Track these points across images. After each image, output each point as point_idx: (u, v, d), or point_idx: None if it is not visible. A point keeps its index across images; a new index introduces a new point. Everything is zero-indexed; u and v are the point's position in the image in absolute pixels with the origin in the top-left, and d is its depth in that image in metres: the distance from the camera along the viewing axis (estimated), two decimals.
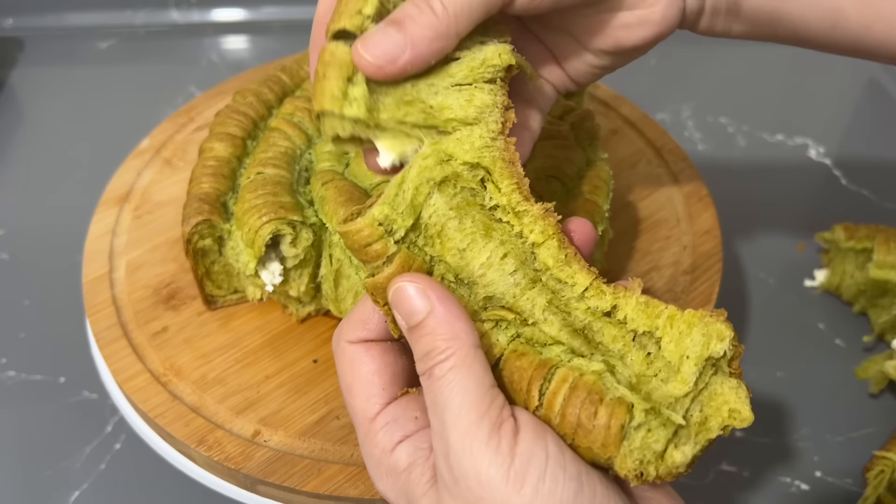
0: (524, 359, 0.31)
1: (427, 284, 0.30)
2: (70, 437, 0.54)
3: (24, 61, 0.86)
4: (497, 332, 0.31)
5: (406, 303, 0.30)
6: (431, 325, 0.29)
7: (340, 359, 0.34)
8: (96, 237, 0.56)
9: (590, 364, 0.30)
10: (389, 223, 0.31)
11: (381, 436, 0.32)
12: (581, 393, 0.29)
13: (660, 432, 0.29)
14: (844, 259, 0.61)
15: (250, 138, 0.54)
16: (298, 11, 0.91)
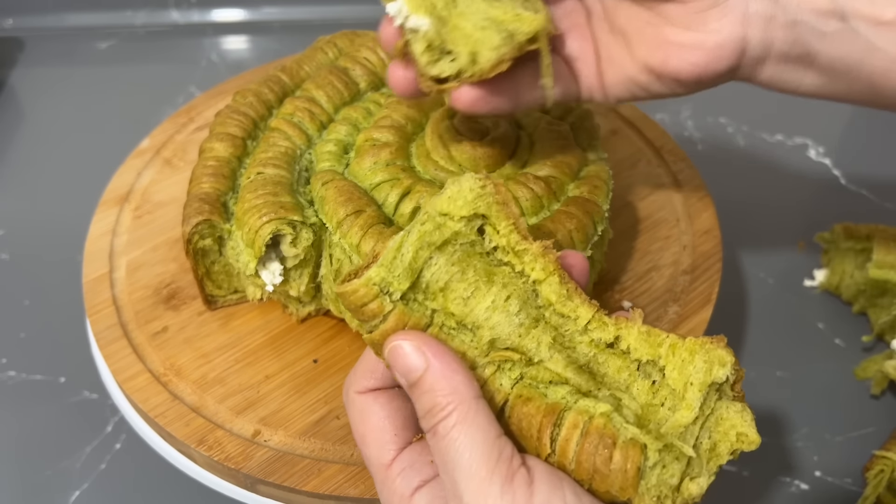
0: (531, 404, 0.31)
1: (422, 341, 0.30)
2: (70, 437, 0.54)
3: (24, 61, 0.86)
4: (500, 377, 0.32)
5: (402, 361, 0.30)
6: (430, 381, 0.29)
7: (351, 410, 0.34)
8: (96, 237, 0.56)
9: (597, 405, 0.31)
10: (386, 285, 0.31)
11: (399, 482, 0.32)
12: (594, 438, 0.30)
13: (674, 467, 0.29)
14: (844, 259, 0.61)
15: (250, 138, 0.54)
16: (298, 11, 0.91)
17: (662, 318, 0.52)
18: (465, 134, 0.48)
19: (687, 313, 0.52)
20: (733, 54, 0.37)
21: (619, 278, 0.54)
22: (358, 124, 0.53)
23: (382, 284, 0.31)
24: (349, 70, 0.57)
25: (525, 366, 0.32)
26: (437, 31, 0.38)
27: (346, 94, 0.55)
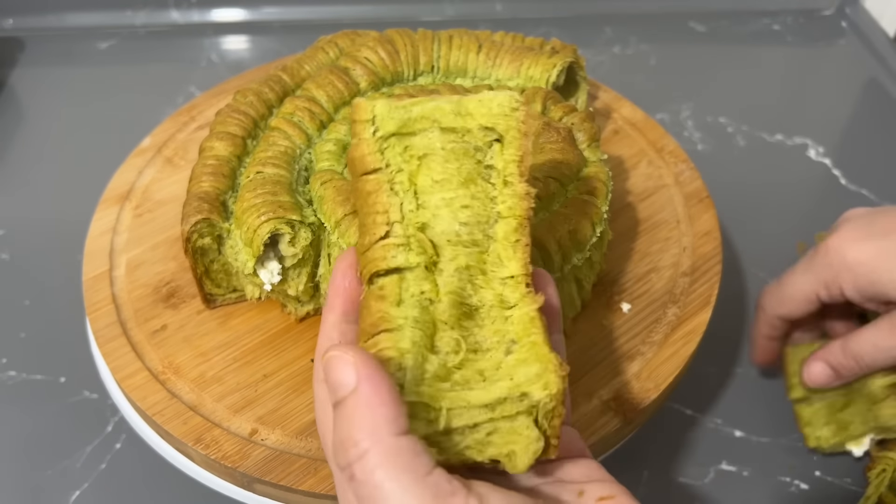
0: (382, 303, 0.31)
1: (361, 360, 0.27)
2: (70, 437, 0.54)
3: (24, 61, 0.86)
4: (396, 252, 0.32)
5: (334, 373, 0.28)
6: (351, 405, 0.27)
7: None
8: (97, 235, 0.56)
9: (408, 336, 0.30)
10: (380, 119, 0.33)
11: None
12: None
13: (420, 425, 0.29)
14: None
15: (250, 137, 0.54)
16: (298, 11, 0.91)
17: (661, 319, 0.52)
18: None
19: (686, 315, 0.52)
20: None
21: (618, 280, 0.54)
22: None
23: (378, 117, 0.33)
24: (350, 70, 0.57)
25: (426, 262, 0.32)
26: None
27: (347, 93, 0.55)
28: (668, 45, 0.90)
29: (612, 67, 0.86)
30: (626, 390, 0.48)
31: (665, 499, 0.52)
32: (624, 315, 0.52)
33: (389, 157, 0.33)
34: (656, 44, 0.90)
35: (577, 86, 0.60)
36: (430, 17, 0.91)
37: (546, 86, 0.56)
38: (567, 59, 0.57)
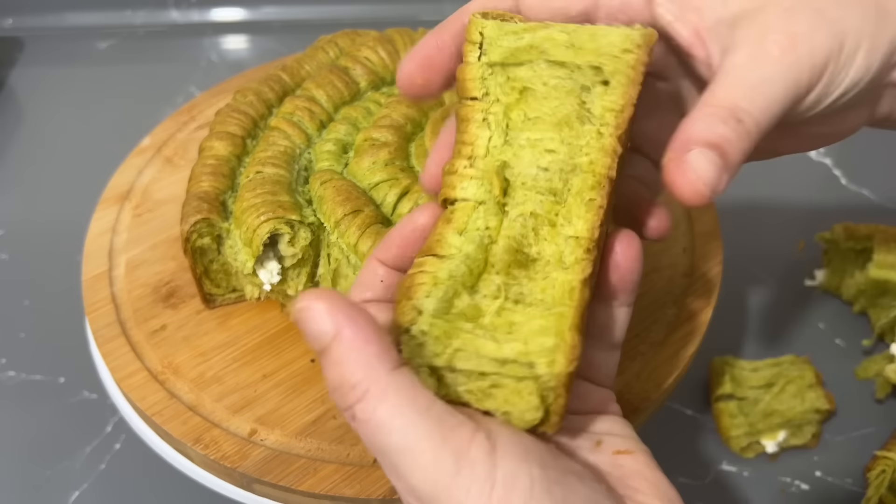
0: (448, 226, 0.31)
1: (335, 304, 0.26)
2: (70, 437, 0.54)
3: (24, 61, 0.86)
4: (469, 185, 0.31)
5: (310, 324, 0.26)
6: (338, 351, 0.26)
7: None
8: (96, 235, 0.56)
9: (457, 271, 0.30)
10: (488, 41, 0.31)
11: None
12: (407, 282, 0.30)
13: (423, 353, 0.28)
14: (844, 259, 0.61)
15: (250, 137, 0.54)
16: (298, 11, 0.91)
17: (661, 319, 0.52)
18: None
19: (686, 315, 0.52)
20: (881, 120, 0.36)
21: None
22: (357, 124, 0.53)
23: (487, 40, 0.31)
24: (350, 69, 0.57)
25: (495, 199, 0.30)
26: None
27: (347, 93, 0.55)
28: None
29: None
30: (626, 390, 0.48)
31: None
32: None
33: (490, 85, 0.32)
34: None
35: None
36: (430, 17, 0.90)
37: None
38: None
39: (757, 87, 0.30)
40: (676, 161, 0.30)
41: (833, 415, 0.55)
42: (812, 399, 0.53)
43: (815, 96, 0.32)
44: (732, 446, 0.54)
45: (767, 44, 0.31)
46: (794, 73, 0.31)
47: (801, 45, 0.31)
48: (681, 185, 0.29)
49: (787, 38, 0.31)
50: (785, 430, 0.53)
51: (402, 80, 0.35)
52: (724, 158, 0.30)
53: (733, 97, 0.30)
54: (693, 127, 0.30)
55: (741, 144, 0.30)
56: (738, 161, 0.30)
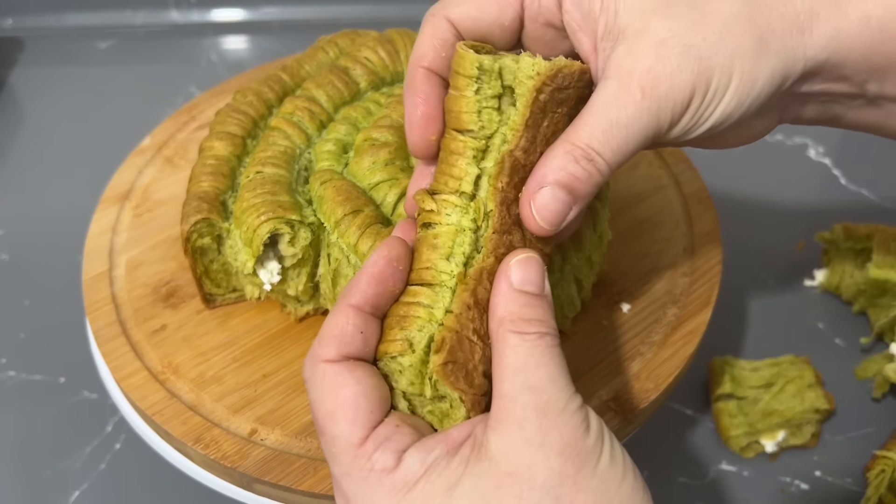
0: (433, 252, 0.33)
1: (543, 266, 0.33)
2: (70, 437, 0.54)
3: (24, 61, 0.86)
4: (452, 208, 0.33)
5: (534, 272, 0.32)
6: (546, 303, 0.32)
7: (319, 383, 0.31)
8: (97, 235, 0.56)
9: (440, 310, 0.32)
10: (488, 76, 0.33)
11: (378, 456, 0.30)
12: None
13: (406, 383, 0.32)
14: (844, 259, 0.61)
15: (250, 137, 0.54)
16: (298, 11, 0.91)
17: (661, 319, 0.52)
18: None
19: (686, 315, 0.52)
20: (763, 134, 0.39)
21: (618, 280, 0.54)
22: (357, 124, 0.53)
23: (487, 74, 0.33)
24: (350, 69, 0.57)
25: (475, 227, 0.33)
26: None
27: (347, 93, 0.55)
28: None
29: None
30: (626, 390, 0.48)
31: (665, 499, 0.52)
32: (624, 315, 0.52)
33: (486, 119, 0.33)
34: None
35: None
36: None
37: None
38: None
39: (612, 130, 0.32)
40: (527, 198, 0.33)
41: (832, 414, 0.56)
42: (811, 399, 0.53)
43: (680, 129, 0.34)
44: (732, 446, 0.54)
45: (632, 83, 0.32)
46: (653, 115, 0.33)
47: (661, 87, 0.32)
48: (529, 222, 0.33)
49: (651, 79, 0.32)
50: (784, 430, 0.53)
51: (419, 146, 0.37)
52: (572, 195, 0.33)
53: (588, 137, 0.33)
54: (548, 165, 0.33)
55: (591, 181, 0.33)
56: (588, 194, 0.34)
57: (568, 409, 0.30)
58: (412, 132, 0.36)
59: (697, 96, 0.33)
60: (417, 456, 0.30)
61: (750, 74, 0.33)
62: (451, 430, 0.31)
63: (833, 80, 0.35)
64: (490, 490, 0.29)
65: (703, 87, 0.33)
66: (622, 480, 0.30)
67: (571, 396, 0.30)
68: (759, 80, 0.33)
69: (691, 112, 0.33)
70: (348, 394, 0.31)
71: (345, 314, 0.32)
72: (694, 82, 0.33)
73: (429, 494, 0.29)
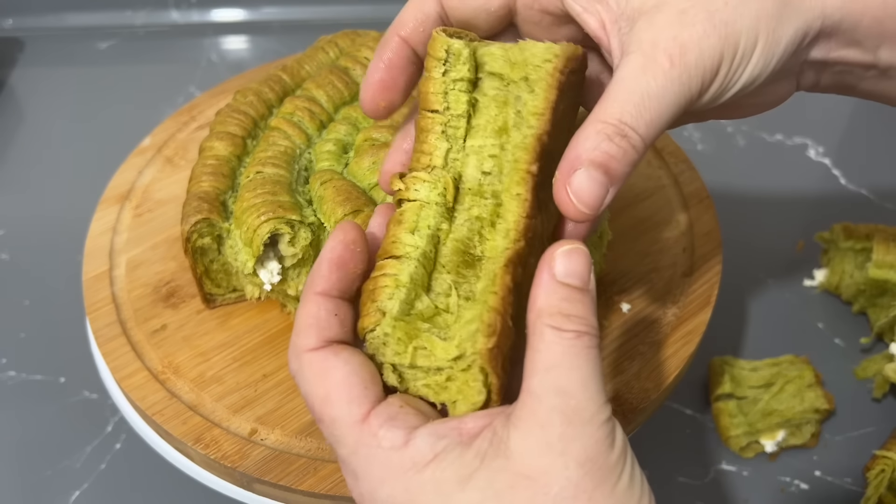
0: (399, 227, 0.32)
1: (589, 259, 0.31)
2: (70, 437, 0.54)
3: (24, 61, 0.86)
4: (422, 187, 0.33)
5: (579, 264, 0.30)
6: (589, 299, 0.30)
7: (306, 372, 0.31)
8: (97, 235, 0.56)
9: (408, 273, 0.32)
10: (455, 59, 0.33)
11: (384, 433, 0.29)
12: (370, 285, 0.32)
13: (387, 352, 0.31)
14: (844, 259, 0.61)
15: (250, 137, 0.54)
16: (298, 11, 0.91)
17: (661, 319, 0.52)
18: None
19: (686, 315, 0.52)
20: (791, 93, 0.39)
21: (618, 280, 0.54)
22: (358, 124, 0.53)
23: (454, 57, 0.33)
24: (350, 70, 0.57)
25: (445, 203, 0.33)
26: None
27: (347, 93, 0.55)
28: None
29: None
30: (626, 390, 0.48)
31: (665, 499, 0.52)
32: (624, 315, 0.52)
33: (452, 100, 0.33)
34: None
35: None
36: None
37: None
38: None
39: (644, 103, 0.31)
40: (563, 182, 0.32)
41: (832, 414, 0.56)
42: (811, 399, 0.53)
43: (710, 96, 0.33)
44: (732, 446, 0.54)
45: (658, 54, 0.32)
46: (684, 83, 0.32)
47: (690, 54, 0.32)
48: (566, 206, 0.32)
49: (677, 47, 0.32)
50: (784, 430, 0.53)
51: (368, 108, 0.37)
52: (609, 175, 0.31)
53: (620, 112, 0.31)
54: (581, 146, 0.31)
55: (627, 159, 0.32)
56: (625, 174, 0.32)
57: (595, 420, 0.29)
58: (365, 92, 0.37)
59: (726, 60, 0.32)
60: (427, 439, 0.29)
61: (774, 34, 0.33)
62: (465, 419, 0.30)
63: (847, 46, 0.35)
64: (504, 489, 0.28)
65: (731, 50, 0.32)
66: (640, 500, 0.29)
67: (601, 406, 0.29)
68: (783, 39, 0.33)
69: (721, 77, 0.33)
70: (338, 375, 0.30)
71: (314, 302, 0.32)
72: (722, 47, 0.32)
73: (440, 482, 0.29)
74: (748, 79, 0.33)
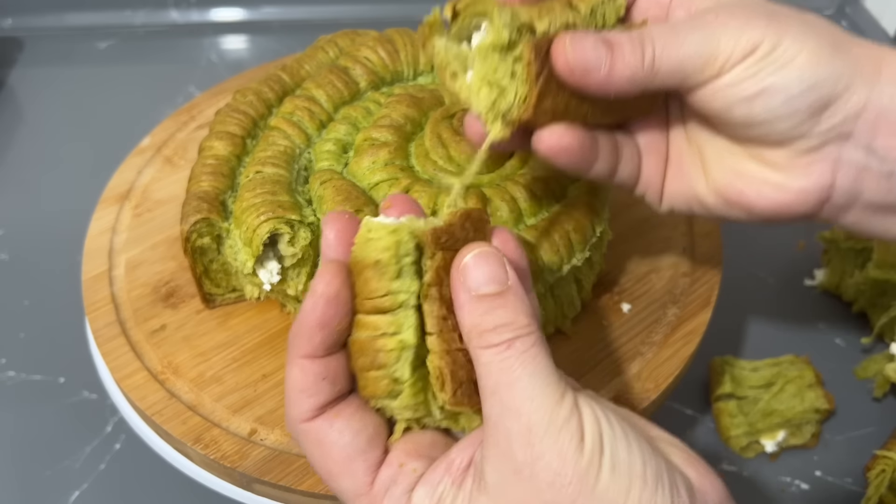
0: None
1: (504, 257, 0.30)
2: (70, 437, 0.54)
3: (23, 61, 0.86)
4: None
5: (489, 268, 0.29)
6: (511, 298, 0.29)
7: (304, 443, 0.31)
8: (96, 235, 0.56)
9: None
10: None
11: (388, 501, 0.30)
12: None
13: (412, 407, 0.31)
14: (844, 258, 0.61)
15: (250, 137, 0.54)
16: (298, 11, 0.91)
17: (661, 319, 0.52)
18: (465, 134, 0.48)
19: (686, 315, 0.52)
20: (817, 200, 0.35)
21: (618, 280, 0.54)
22: (357, 123, 0.53)
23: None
24: (349, 69, 0.57)
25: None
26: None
27: (346, 93, 0.55)
28: None
29: None
30: (626, 390, 0.48)
31: None
32: (624, 315, 0.52)
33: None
34: None
35: None
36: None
37: None
38: None
39: (669, 33, 0.33)
40: (566, 36, 0.33)
41: (833, 414, 0.56)
42: (812, 399, 0.53)
43: (735, 76, 0.33)
44: (732, 446, 0.54)
45: (705, 12, 0.34)
46: (715, 38, 0.33)
47: (734, 19, 0.33)
48: (557, 54, 0.33)
49: (726, 8, 0.34)
50: (784, 430, 0.53)
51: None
52: (611, 55, 0.33)
53: (648, 29, 0.34)
54: (604, 31, 0.34)
55: (633, 57, 0.33)
56: (623, 77, 0.33)
57: (552, 429, 0.27)
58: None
59: (765, 45, 0.33)
60: (425, 494, 0.29)
61: (818, 57, 0.33)
62: (452, 454, 0.30)
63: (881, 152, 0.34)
64: None
65: (773, 40, 0.33)
66: (628, 491, 0.27)
67: (554, 408, 0.27)
68: (824, 69, 0.33)
69: (753, 58, 0.33)
70: (336, 452, 0.30)
71: (299, 367, 0.30)
72: (765, 29, 0.33)
73: None
74: (778, 81, 0.33)
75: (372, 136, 0.50)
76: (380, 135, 0.50)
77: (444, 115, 0.50)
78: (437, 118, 0.50)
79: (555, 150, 0.36)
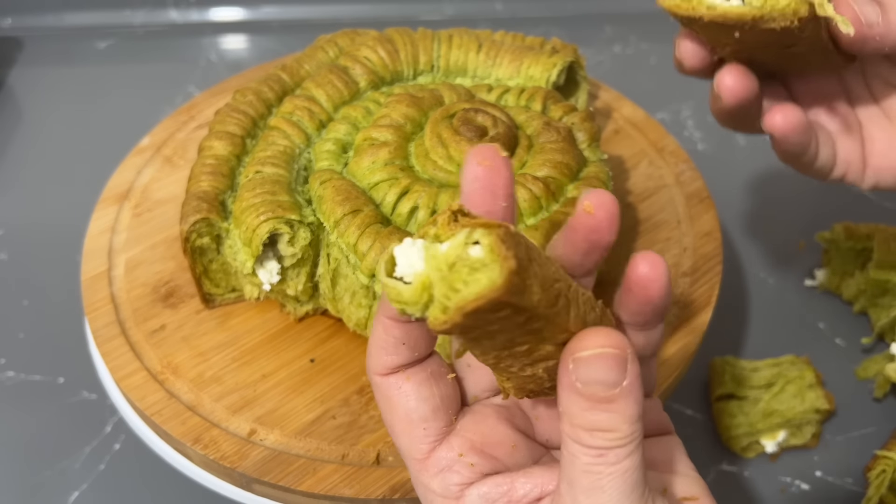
0: None
1: (632, 355, 0.26)
2: (70, 437, 0.54)
3: (23, 61, 0.86)
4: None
5: (605, 374, 0.26)
6: (620, 404, 0.26)
7: (377, 394, 0.32)
8: (96, 234, 0.56)
9: None
10: None
11: (438, 484, 0.30)
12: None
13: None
14: (844, 258, 0.61)
15: (250, 137, 0.54)
16: (298, 11, 0.91)
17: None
18: (464, 134, 0.48)
19: (686, 315, 0.52)
20: None
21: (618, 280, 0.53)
22: (357, 123, 0.53)
23: None
24: (349, 69, 0.56)
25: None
26: None
27: (346, 93, 0.55)
28: (668, 44, 0.89)
29: (613, 67, 0.86)
30: None
31: None
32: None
33: None
34: (656, 43, 0.89)
35: (578, 85, 0.60)
36: (430, 17, 0.91)
37: (546, 85, 0.56)
38: (567, 59, 0.57)
39: None
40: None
41: (833, 415, 0.55)
42: (812, 399, 0.53)
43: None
44: (732, 446, 0.53)
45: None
46: None
47: None
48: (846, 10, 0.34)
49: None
50: (785, 430, 0.53)
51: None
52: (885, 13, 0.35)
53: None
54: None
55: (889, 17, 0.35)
56: (882, 27, 0.35)
57: None
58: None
59: None
60: (478, 501, 0.30)
61: None
62: (516, 481, 0.30)
63: None
64: None
65: None
66: None
67: None
68: None
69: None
70: (400, 411, 0.31)
71: (383, 326, 0.30)
72: None
73: None
74: None
75: (372, 135, 0.50)
76: (380, 135, 0.50)
77: (444, 114, 0.50)
78: (437, 118, 0.50)
79: (790, 128, 0.38)
